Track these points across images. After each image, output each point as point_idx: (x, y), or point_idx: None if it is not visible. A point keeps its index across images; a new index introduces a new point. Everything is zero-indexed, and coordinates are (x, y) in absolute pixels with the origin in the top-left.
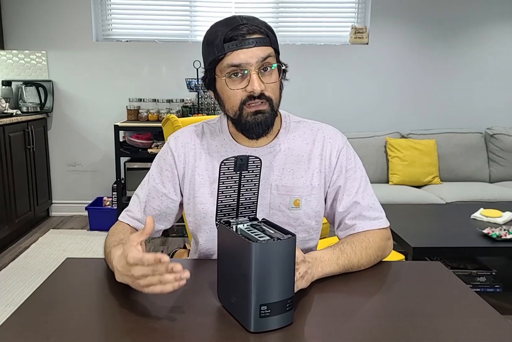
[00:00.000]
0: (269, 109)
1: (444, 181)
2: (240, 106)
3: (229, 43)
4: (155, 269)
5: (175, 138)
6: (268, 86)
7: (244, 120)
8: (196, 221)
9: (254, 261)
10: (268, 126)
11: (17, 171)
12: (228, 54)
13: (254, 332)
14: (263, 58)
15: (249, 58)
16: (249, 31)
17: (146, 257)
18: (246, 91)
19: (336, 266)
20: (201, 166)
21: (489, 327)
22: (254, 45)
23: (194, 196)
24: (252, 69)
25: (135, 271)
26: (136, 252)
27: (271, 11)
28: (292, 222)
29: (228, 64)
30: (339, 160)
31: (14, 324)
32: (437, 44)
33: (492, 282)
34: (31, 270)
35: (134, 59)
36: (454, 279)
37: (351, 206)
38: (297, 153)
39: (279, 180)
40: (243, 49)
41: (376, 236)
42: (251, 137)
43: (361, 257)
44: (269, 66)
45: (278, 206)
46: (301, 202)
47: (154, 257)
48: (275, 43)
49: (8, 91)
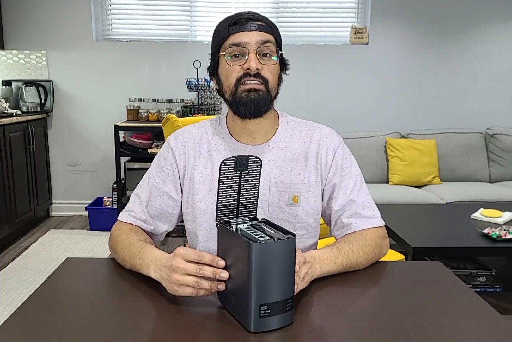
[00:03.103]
0: (264, 90)
1: (444, 181)
2: (236, 83)
3: (233, 26)
4: (201, 268)
5: (175, 138)
6: (266, 67)
7: (238, 98)
8: (195, 219)
9: (254, 261)
10: (261, 106)
11: (17, 171)
12: (231, 35)
13: (254, 332)
14: (263, 41)
15: (249, 39)
16: (253, 18)
17: (204, 254)
18: (243, 69)
19: (335, 265)
20: (200, 164)
21: (489, 327)
22: (256, 29)
23: (193, 193)
24: (251, 49)
25: (181, 264)
26: (193, 250)
27: (271, 11)
28: (291, 219)
29: (229, 44)
30: (335, 158)
31: (14, 324)
32: (437, 44)
33: (492, 282)
34: (31, 270)
35: (134, 59)
36: (454, 279)
37: (346, 204)
38: (294, 151)
39: (278, 176)
40: (245, 31)
41: (373, 234)
42: (243, 116)
43: (358, 255)
44: (269, 53)
45: (277, 202)
46: (300, 199)
47: (213, 257)
48: (277, 35)
49: (8, 91)
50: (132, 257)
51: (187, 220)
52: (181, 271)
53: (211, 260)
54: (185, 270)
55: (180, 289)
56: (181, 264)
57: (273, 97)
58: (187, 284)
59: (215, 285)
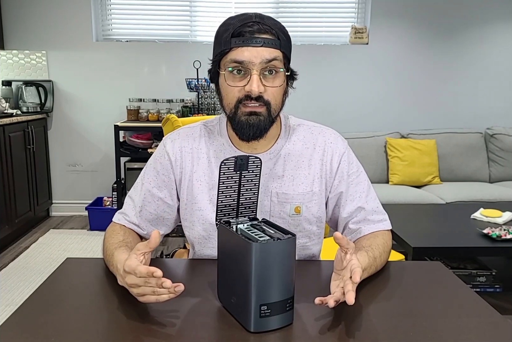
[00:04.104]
0: (266, 113)
1: (444, 181)
2: (236, 104)
3: (237, 38)
4: (147, 281)
5: (172, 141)
6: (269, 90)
7: (238, 120)
8: (193, 227)
9: (254, 261)
10: (261, 130)
11: (17, 171)
12: (234, 49)
13: (254, 332)
14: (268, 60)
15: (253, 57)
16: (259, 30)
17: (139, 269)
18: (244, 90)
19: (367, 273)
20: (199, 171)
21: (489, 327)
22: (261, 45)
23: (192, 202)
24: (255, 69)
25: (128, 279)
26: (134, 261)
27: (271, 11)
28: (293, 228)
29: (231, 60)
30: (341, 165)
31: (14, 324)
32: (437, 44)
33: (492, 282)
34: (31, 270)
35: (134, 59)
36: (454, 279)
37: (355, 211)
38: (297, 158)
39: (279, 187)
40: (249, 47)
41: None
42: (242, 138)
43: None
44: (274, 70)
45: (278, 213)
46: (302, 209)
47: (147, 270)
48: (287, 48)
49: (8, 91)
50: (108, 261)
51: (185, 226)
52: (136, 285)
53: (147, 273)
54: (137, 284)
55: (145, 298)
56: (132, 280)
57: (274, 119)
58: (148, 294)
59: (173, 289)
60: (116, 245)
